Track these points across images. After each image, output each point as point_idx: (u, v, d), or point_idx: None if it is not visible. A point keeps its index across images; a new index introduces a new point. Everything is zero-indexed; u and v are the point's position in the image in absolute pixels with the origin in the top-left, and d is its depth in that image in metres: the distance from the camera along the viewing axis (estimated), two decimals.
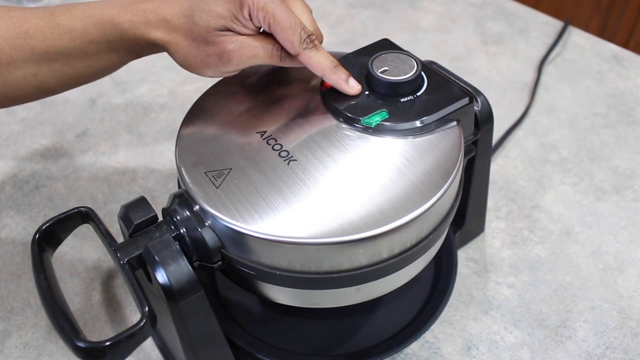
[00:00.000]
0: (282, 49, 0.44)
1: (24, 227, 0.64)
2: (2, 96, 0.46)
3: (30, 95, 0.47)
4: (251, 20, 0.43)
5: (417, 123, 0.44)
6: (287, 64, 0.45)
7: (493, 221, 0.64)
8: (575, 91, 0.80)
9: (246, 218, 0.39)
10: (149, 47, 0.46)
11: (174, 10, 0.44)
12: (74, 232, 0.44)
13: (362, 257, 0.39)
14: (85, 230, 0.59)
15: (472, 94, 0.46)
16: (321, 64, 0.45)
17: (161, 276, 0.38)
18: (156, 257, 0.38)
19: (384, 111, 0.44)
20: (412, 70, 0.45)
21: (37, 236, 0.42)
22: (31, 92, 0.47)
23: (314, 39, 0.44)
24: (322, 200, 0.40)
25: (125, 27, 0.44)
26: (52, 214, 0.64)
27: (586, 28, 0.92)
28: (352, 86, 0.45)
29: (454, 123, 0.45)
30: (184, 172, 0.42)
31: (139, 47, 0.46)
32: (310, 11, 0.47)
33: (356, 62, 0.48)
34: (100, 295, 0.58)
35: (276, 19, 0.43)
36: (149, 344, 0.54)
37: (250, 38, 0.44)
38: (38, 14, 0.45)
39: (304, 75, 0.49)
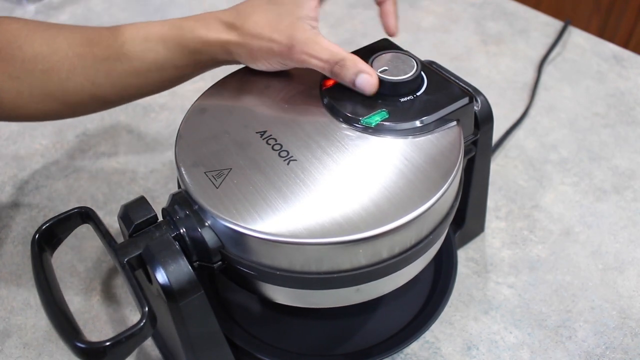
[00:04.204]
0: (336, 63, 0.45)
1: (24, 227, 0.64)
2: (60, 102, 0.48)
3: (86, 103, 0.49)
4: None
5: (417, 123, 0.44)
6: (336, 78, 0.45)
7: (493, 221, 0.64)
8: (575, 91, 0.80)
9: (246, 218, 0.39)
10: (209, 54, 0.47)
11: (235, 13, 0.46)
12: (74, 232, 0.44)
13: (362, 257, 0.39)
14: (85, 230, 0.58)
15: (471, 93, 0.46)
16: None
17: (161, 276, 0.38)
18: (156, 257, 0.38)
19: (383, 111, 0.44)
20: (412, 70, 0.45)
21: (37, 236, 0.42)
22: (87, 99, 0.49)
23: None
24: (322, 200, 0.40)
25: (183, 33, 0.46)
26: (52, 214, 0.64)
27: (586, 28, 0.92)
28: (394, 26, 0.50)
29: (454, 123, 0.45)
30: (183, 172, 0.42)
31: (196, 53, 0.47)
32: None
33: None
34: (100, 295, 0.58)
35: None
36: (149, 344, 0.54)
37: (312, 43, 0.44)
38: (105, 27, 0.48)
39: (304, 75, 0.49)
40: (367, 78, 0.44)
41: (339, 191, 0.40)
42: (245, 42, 0.46)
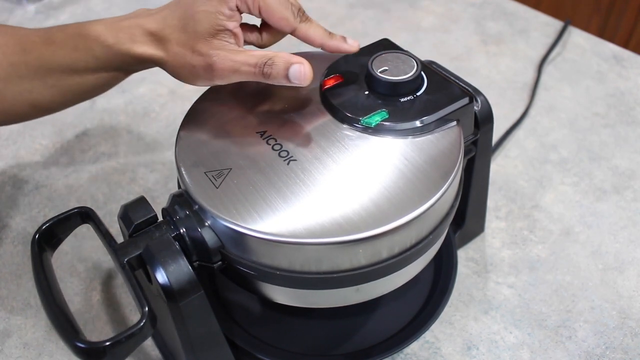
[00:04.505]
0: (264, 64, 0.43)
1: (24, 227, 0.64)
2: None
3: (26, 112, 0.48)
4: (238, 10, 0.44)
5: (417, 123, 0.44)
6: (269, 80, 0.44)
7: (493, 221, 0.64)
8: (575, 91, 0.80)
9: (246, 218, 0.39)
10: (136, 62, 0.46)
11: (161, 23, 0.45)
12: (74, 232, 0.44)
13: (361, 257, 0.39)
14: (85, 230, 0.59)
15: (471, 93, 0.46)
16: (319, 34, 0.45)
17: (161, 276, 0.38)
18: (156, 257, 0.38)
19: (383, 111, 0.44)
20: (412, 70, 0.45)
21: (37, 236, 0.42)
22: (26, 109, 0.48)
23: (304, 12, 0.45)
24: (322, 200, 0.40)
25: (111, 44, 0.45)
26: (52, 214, 0.64)
27: (586, 28, 0.92)
28: (352, 44, 0.46)
29: (454, 123, 0.45)
30: (183, 172, 0.42)
31: (125, 63, 0.46)
32: None
33: (356, 62, 0.48)
34: (100, 295, 0.58)
35: (266, 1, 0.43)
36: (149, 344, 0.54)
37: (235, 53, 0.43)
38: (38, 33, 0.47)
39: None
40: (298, 68, 0.43)
41: (339, 191, 0.40)
42: (168, 60, 0.45)
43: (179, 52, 0.44)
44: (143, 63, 0.46)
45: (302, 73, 0.43)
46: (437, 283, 0.54)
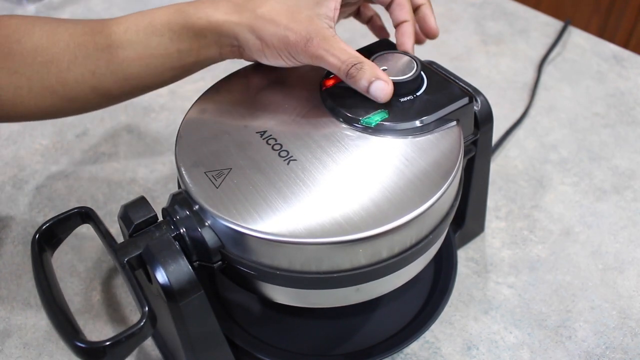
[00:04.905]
0: (353, 65, 0.43)
1: (24, 227, 0.64)
2: (59, 96, 0.47)
3: (88, 97, 0.47)
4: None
5: (417, 123, 0.44)
6: (349, 81, 0.44)
7: (493, 221, 0.64)
8: (575, 91, 0.80)
9: (246, 218, 0.39)
10: (215, 33, 0.44)
11: None
12: (74, 232, 0.44)
13: (362, 257, 0.39)
14: (85, 230, 0.59)
15: (471, 93, 0.46)
16: (407, 9, 0.49)
17: (161, 276, 0.38)
18: (156, 257, 0.38)
19: (383, 111, 0.44)
20: (412, 70, 0.45)
21: (37, 236, 0.42)
22: (88, 92, 0.47)
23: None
24: (322, 200, 0.40)
25: (191, 12, 0.44)
26: (52, 214, 0.64)
27: (586, 28, 0.92)
28: (411, 47, 0.48)
29: (454, 123, 0.45)
30: (183, 172, 0.42)
31: (202, 34, 0.45)
32: None
33: None
34: (100, 295, 0.58)
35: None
36: (149, 344, 0.54)
37: (330, 40, 0.43)
38: (109, 18, 0.47)
39: (304, 75, 0.49)
40: (382, 85, 0.43)
41: (339, 191, 0.40)
42: (257, 26, 0.43)
43: (272, 19, 0.43)
44: (222, 36, 0.44)
45: (383, 92, 0.43)
46: (437, 283, 0.54)
